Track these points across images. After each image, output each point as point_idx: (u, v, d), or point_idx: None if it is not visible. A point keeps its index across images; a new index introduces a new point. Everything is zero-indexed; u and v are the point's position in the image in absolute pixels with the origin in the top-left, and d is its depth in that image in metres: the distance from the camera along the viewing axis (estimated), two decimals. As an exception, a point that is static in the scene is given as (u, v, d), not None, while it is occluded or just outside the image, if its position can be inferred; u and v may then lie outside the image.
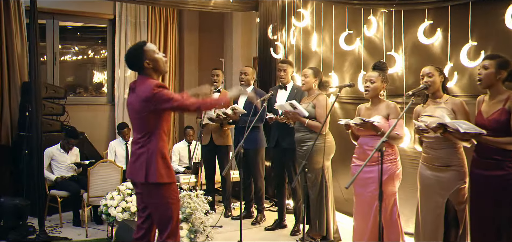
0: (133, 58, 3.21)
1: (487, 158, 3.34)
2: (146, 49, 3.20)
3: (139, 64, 3.19)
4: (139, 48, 3.20)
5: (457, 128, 3.19)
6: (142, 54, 3.17)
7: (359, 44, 5.37)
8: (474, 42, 4.22)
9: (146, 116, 3.11)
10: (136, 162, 3.15)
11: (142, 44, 3.25)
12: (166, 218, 3.17)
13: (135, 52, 3.20)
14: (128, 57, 3.26)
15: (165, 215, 3.17)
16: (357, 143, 4.24)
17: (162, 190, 3.13)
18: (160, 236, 3.21)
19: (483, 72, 3.34)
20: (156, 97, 3.05)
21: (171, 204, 3.17)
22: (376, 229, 4.08)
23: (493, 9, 4.12)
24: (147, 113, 3.10)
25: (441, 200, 3.66)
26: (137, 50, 3.20)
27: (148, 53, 3.19)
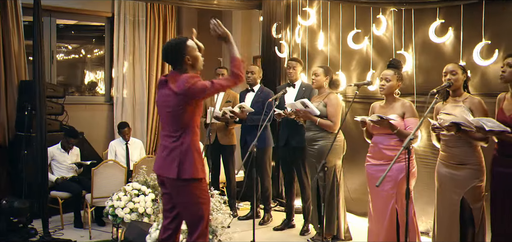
0: (174, 52, 3.13)
1: (509, 156, 3.35)
2: (188, 44, 3.14)
3: (179, 58, 3.11)
4: (182, 43, 3.13)
5: (481, 125, 3.19)
6: (184, 49, 3.11)
7: (368, 43, 5.36)
8: (487, 41, 4.23)
9: (182, 110, 3.03)
10: (169, 156, 3.06)
11: (184, 39, 3.18)
12: (197, 217, 3.08)
13: (177, 46, 3.12)
14: (168, 50, 3.17)
15: (196, 215, 3.08)
16: (371, 141, 4.22)
17: (193, 187, 3.04)
18: (189, 236, 3.11)
19: (508, 69, 3.35)
20: (191, 89, 2.99)
21: (202, 204, 3.09)
22: (392, 227, 4.06)
23: (507, 8, 4.15)
24: (183, 107, 3.02)
25: (456, 198, 3.66)
26: (179, 44, 3.13)
27: (190, 49, 3.14)
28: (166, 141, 3.12)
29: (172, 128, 3.08)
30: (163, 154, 3.12)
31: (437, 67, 4.68)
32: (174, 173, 3.01)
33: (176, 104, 3.03)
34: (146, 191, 5.00)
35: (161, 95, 3.18)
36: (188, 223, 3.14)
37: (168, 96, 3.08)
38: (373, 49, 5.30)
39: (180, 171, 3.01)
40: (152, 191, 5.01)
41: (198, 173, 3.04)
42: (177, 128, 3.06)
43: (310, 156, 4.81)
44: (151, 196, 4.95)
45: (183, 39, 3.17)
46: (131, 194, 4.95)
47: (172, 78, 3.10)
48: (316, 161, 4.73)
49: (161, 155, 3.15)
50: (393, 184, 4.01)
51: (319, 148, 4.68)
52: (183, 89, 2.99)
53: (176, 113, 3.05)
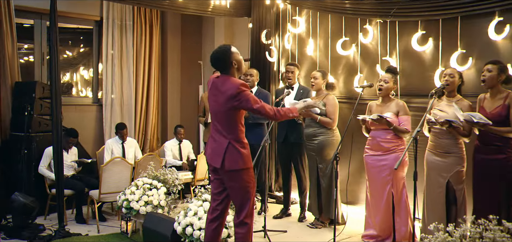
0: (222, 58, 3.56)
1: (489, 144, 4.07)
2: (233, 51, 3.58)
3: (226, 64, 3.56)
4: (228, 50, 3.57)
5: (471, 118, 3.89)
6: (231, 55, 3.56)
7: (355, 50, 6.02)
8: (463, 50, 5.00)
9: (229, 111, 3.49)
10: (218, 149, 3.51)
11: (229, 46, 3.62)
12: (246, 199, 3.55)
13: (225, 53, 3.56)
14: (216, 57, 3.60)
15: (245, 197, 3.56)
16: (370, 135, 4.85)
17: (242, 174, 3.52)
18: (237, 216, 3.59)
19: (487, 74, 4.07)
20: (241, 95, 3.46)
21: (250, 188, 3.56)
22: (388, 208, 4.72)
23: (479, 23, 4.92)
24: (230, 108, 3.48)
25: (442, 180, 4.36)
26: (226, 52, 3.56)
27: (235, 55, 3.59)
28: (216, 135, 3.57)
29: (221, 125, 3.54)
30: (214, 146, 3.57)
31: (418, 72, 5.43)
32: (219, 163, 3.48)
33: (225, 104, 3.50)
34: (157, 185, 5.37)
35: (211, 94, 3.62)
36: (237, 205, 3.61)
37: (218, 96, 3.53)
38: (360, 56, 5.97)
39: (225, 162, 3.48)
40: (164, 185, 5.39)
41: (245, 164, 3.52)
42: (226, 126, 3.52)
43: (310, 150, 5.39)
44: (163, 189, 5.33)
45: (228, 47, 3.63)
46: (144, 188, 5.30)
47: (223, 81, 3.55)
48: (316, 154, 5.31)
49: (212, 145, 3.60)
50: (390, 171, 4.66)
51: (319, 142, 5.27)
52: (233, 93, 3.46)
53: (225, 112, 3.51)
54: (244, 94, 3.46)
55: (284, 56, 6.89)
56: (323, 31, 6.41)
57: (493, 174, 4.06)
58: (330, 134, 5.24)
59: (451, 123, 4.11)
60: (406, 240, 4.70)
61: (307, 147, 5.45)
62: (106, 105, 7.72)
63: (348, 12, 5.97)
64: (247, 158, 3.57)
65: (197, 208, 4.38)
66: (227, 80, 3.55)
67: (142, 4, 6.71)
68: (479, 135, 4.17)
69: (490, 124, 3.93)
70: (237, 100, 3.47)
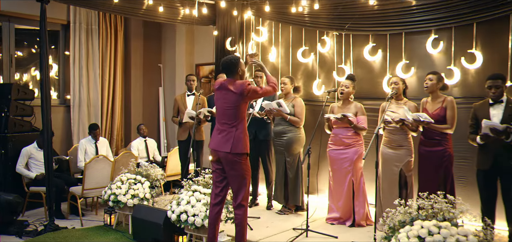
0: (231, 66, 4.23)
1: (431, 139, 5.03)
2: (240, 62, 4.27)
3: (234, 71, 4.22)
4: (237, 60, 4.25)
5: (418, 117, 4.82)
6: (238, 65, 4.23)
7: (313, 58, 6.86)
8: (406, 60, 5.98)
9: (237, 106, 4.14)
10: (225, 137, 4.17)
11: (238, 57, 4.30)
12: (243, 185, 4.22)
13: (234, 62, 4.24)
14: (227, 64, 4.28)
15: (242, 183, 4.22)
16: (332, 132, 5.68)
17: (242, 162, 4.18)
18: (235, 199, 4.25)
19: (429, 82, 5.02)
20: (249, 89, 4.16)
21: (247, 175, 4.24)
22: (349, 194, 5.57)
23: (419, 38, 5.93)
24: (240, 103, 4.14)
25: (396, 169, 5.27)
26: (235, 61, 4.25)
27: (241, 65, 4.28)
28: (223, 127, 4.21)
29: (228, 118, 4.19)
30: (220, 135, 4.22)
31: (369, 78, 6.36)
32: (229, 148, 4.14)
33: (234, 101, 4.15)
34: (141, 179, 5.86)
35: (220, 94, 4.26)
36: (234, 190, 4.27)
37: (228, 95, 4.18)
38: (318, 63, 6.81)
39: (234, 147, 4.15)
40: (147, 179, 5.89)
41: (246, 149, 4.20)
42: (233, 118, 4.18)
43: (279, 145, 6.13)
44: (147, 183, 5.83)
45: (237, 57, 4.35)
46: (130, 182, 5.77)
47: (231, 83, 4.20)
48: (285, 149, 6.06)
49: (218, 136, 4.24)
50: (350, 163, 5.52)
51: (287, 139, 6.02)
52: (242, 91, 4.12)
53: (233, 108, 4.16)
54: (250, 87, 4.17)
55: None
56: (284, 41, 7.19)
57: (434, 162, 5.01)
58: (297, 132, 6.02)
59: (403, 122, 5.02)
60: (363, 220, 5.58)
61: (276, 143, 6.18)
62: (74, 106, 8.00)
63: (307, 24, 6.79)
64: (248, 145, 4.24)
65: (189, 198, 4.96)
66: (234, 82, 4.21)
67: (122, 13, 7.10)
68: (423, 131, 5.11)
69: (433, 123, 4.88)
70: (247, 93, 4.16)
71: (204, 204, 4.86)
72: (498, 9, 5.29)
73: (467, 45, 5.56)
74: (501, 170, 4.50)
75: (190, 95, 6.97)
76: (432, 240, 3.54)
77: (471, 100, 5.33)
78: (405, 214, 3.90)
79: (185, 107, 6.87)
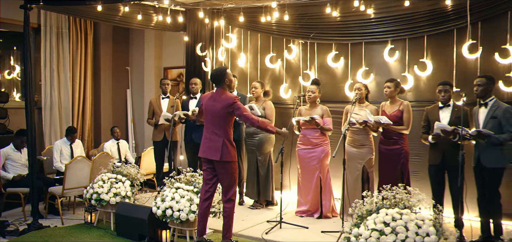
0: (219, 76, 4.63)
1: (389, 138, 5.68)
2: (227, 72, 4.67)
3: (222, 81, 4.63)
4: (224, 71, 4.65)
5: (379, 120, 5.45)
6: (225, 75, 4.65)
7: (280, 63, 7.39)
8: (366, 67, 6.63)
9: (223, 116, 4.56)
10: (214, 146, 4.57)
11: (225, 68, 4.71)
12: (232, 183, 4.68)
13: (221, 73, 4.64)
14: (215, 75, 4.68)
15: (232, 181, 4.68)
16: (301, 133, 6.23)
17: (231, 165, 4.62)
18: (225, 195, 4.70)
19: (388, 89, 5.67)
20: (235, 105, 4.58)
21: (235, 175, 4.71)
22: (317, 189, 6.14)
23: (377, 48, 6.60)
24: (225, 114, 4.56)
25: (359, 166, 5.89)
26: (222, 72, 4.65)
27: (228, 75, 4.69)
28: (211, 135, 4.63)
29: (216, 128, 4.61)
30: (209, 144, 4.63)
31: (332, 83, 6.96)
32: (218, 157, 4.56)
33: (222, 111, 4.58)
34: (122, 178, 6.17)
35: (209, 104, 4.67)
36: (224, 187, 4.71)
37: (217, 106, 4.59)
38: (285, 69, 7.35)
39: (222, 155, 4.58)
40: (127, 178, 6.20)
41: (232, 157, 4.64)
42: (220, 128, 4.61)
43: (251, 145, 6.61)
44: (128, 182, 6.15)
45: (224, 68, 4.78)
46: (111, 181, 6.07)
47: (219, 94, 4.63)
48: (256, 149, 6.56)
49: (207, 144, 4.65)
50: (317, 161, 6.09)
51: (259, 139, 6.52)
52: (229, 103, 4.57)
53: (221, 118, 4.59)
54: (237, 104, 4.60)
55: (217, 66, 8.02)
56: (253, 47, 7.69)
57: (392, 159, 5.67)
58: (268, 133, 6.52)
59: (366, 123, 5.64)
60: (330, 212, 6.17)
61: (248, 143, 6.66)
62: (45, 108, 8.12)
63: (275, 33, 7.32)
64: (235, 153, 4.70)
65: (173, 195, 5.34)
66: (223, 93, 4.64)
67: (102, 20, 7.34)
68: (383, 131, 5.76)
69: (392, 124, 5.53)
70: (232, 108, 4.59)
71: (188, 199, 5.26)
72: (445, 25, 6.04)
73: (419, 54, 6.28)
74: (449, 165, 5.20)
75: (164, 98, 7.32)
76: (395, 225, 4.14)
77: (423, 103, 6.06)
78: (371, 204, 4.49)
79: (160, 109, 7.22)
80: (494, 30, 5.81)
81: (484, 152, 4.91)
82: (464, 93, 5.05)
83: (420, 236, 4.05)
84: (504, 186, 5.01)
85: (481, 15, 5.82)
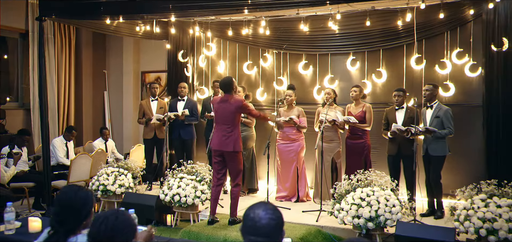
0: (228, 85, 5.62)
1: (355, 134, 6.92)
2: (234, 81, 5.70)
3: (231, 88, 5.62)
4: (232, 81, 5.68)
5: (348, 120, 6.67)
6: (233, 84, 5.65)
7: (256, 70, 8.47)
8: (332, 75, 7.87)
9: (235, 115, 5.56)
10: (227, 139, 5.55)
11: (232, 79, 5.72)
12: (239, 171, 5.69)
13: (230, 82, 5.65)
14: (225, 84, 5.67)
15: (238, 169, 5.68)
16: (281, 131, 7.33)
17: (238, 155, 5.62)
18: (233, 181, 5.70)
19: (354, 93, 6.91)
20: (244, 106, 5.60)
21: (241, 165, 5.72)
22: (294, 178, 7.27)
23: (341, 58, 7.85)
24: (236, 113, 5.56)
25: (329, 158, 7.09)
26: (231, 82, 5.67)
27: (235, 84, 5.73)
28: (224, 130, 5.61)
29: (227, 124, 5.60)
30: (222, 138, 5.60)
31: (302, 88, 8.12)
32: (231, 148, 5.55)
33: (234, 111, 5.57)
34: (124, 172, 6.96)
35: (220, 106, 5.64)
36: (233, 175, 5.71)
37: (228, 108, 5.59)
38: (260, 75, 8.43)
39: (234, 147, 5.57)
40: (129, 171, 7.00)
41: (240, 148, 5.67)
42: (231, 124, 5.60)
43: (235, 142, 7.63)
44: (130, 174, 6.95)
45: (231, 79, 5.80)
46: (115, 174, 6.85)
47: (229, 98, 5.61)
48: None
49: (220, 139, 5.62)
50: (295, 153, 7.22)
51: (243, 137, 7.52)
52: (240, 105, 5.57)
53: (232, 117, 5.59)
54: (246, 104, 5.65)
55: (198, 72, 8.95)
56: (231, 55, 8.70)
57: (357, 152, 6.92)
58: (250, 131, 7.58)
59: (334, 122, 6.85)
60: (305, 196, 7.32)
61: (232, 140, 7.67)
62: (34, 110, 8.64)
63: (251, 43, 8.38)
64: (241, 145, 5.71)
65: (179, 183, 6.25)
66: (232, 97, 5.64)
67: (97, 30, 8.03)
68: (349, 128, 6.99)
69: (357, 123, 6.77)
70: (242, 108, 5.61)
71: (192, 187, 6.20)
72: (397, 41, 7.40)
73: (375, 65, 7.60)
74: (403, 154, 6.49)
75: (154, 100, 8.15)
76: (369, 199, 5.35)
77: (379, 105, 7.36)
78: (349, 185, 5.68)
79: (150, 110, 8.04)
80: (435, 46, 7.24)
81: (430, 144, 6.25)
82: (415, 98, 6.39)
83: (388, 206, 5.29)
84: (444, 171, 6.38)
85: (425, 34, 7.21)
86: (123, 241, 2.32)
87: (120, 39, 10.10)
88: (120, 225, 2.32)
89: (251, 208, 2.36)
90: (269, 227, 2.29)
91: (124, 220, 2.35)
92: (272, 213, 2.31)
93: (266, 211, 2.32)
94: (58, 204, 2.61)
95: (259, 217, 2.32)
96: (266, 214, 2.32)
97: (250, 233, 2.29)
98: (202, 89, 8.85)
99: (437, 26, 7.13)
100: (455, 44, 7.10)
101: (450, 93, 7.12)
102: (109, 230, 2.30)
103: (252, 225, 2.29)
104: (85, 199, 2.61)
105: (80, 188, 2.67)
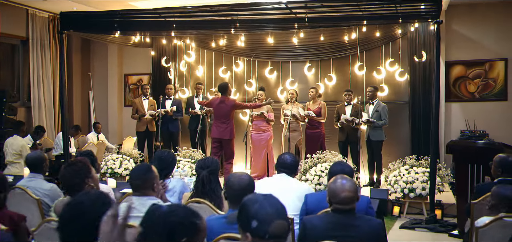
0: (225, 88, 7.31)
1: (313, 125, 8.82)
2: (229, 85, 7.38)
3: (226, 91, 7.33)
4: (227, 85, 7.37)
5: (308, 114, 8.56)
6: (228, 87, 7.36)
7: (230, 74, 10.19)
8: (292, 78, 9.76)
9: (230, 111, 7.26)
10: (225, 130, 7.25)
11: (227, 83, 7.39)
12: (232, 153, 7.45)
13: (226, 86, 7.34)
14: (222, 88, 7.34)
15: (232, 152, 7.43)
16: (253, 123, 9.08)
17: (232, 141, 7.37)
18: (226, 160, 7.40)
19: (312, 93, 8.80)
20: (237, 104, 7.34)
21: (234, 148, 7.45)
22: (264, 162, 9.07)
23: (300, 65, 9.75)
24: (231, 110, 7.26)
25: (293, 144, 8.94)
26: (226, 86, 7.36)
27: (229, 87, 7.43)
28: (222, 124, 7.32)
29: (225, 119, 7.31)
30: (221, 129, 7.30)
31: (268, 89, 9.91)
32: (228, 136, 7.27)
33: (229, 109, 7.28)
34: (127, 158, 8.45)
35: (219, 106, 7.34)
36: (227, 155, 7.42)
37: (225, 106, 7.29)
38: (233, 78, 10.17)
39: (230, 135, 7.28)
40: (131, 157, 8.50)
41: (234, 136, 7.39)
42: (227, 118, 7.31)
43: (215, 133, 9.32)
44: (132, 160, 8.46)
45: (227, 84, 7.54)
46: (120, 159, 8.33)
47: (225, 99, 7.31)
48: (220, 135, 9.28)
49: (220, 130, 7.32)
50: (265, 141, 9.01)
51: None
52: (234, 104, 7.30)
53: (228, 112, 7.30)
54: (237, 102, 7.38)
55: (179, 75, 10.53)
56: (208, 61, 10.36)
57: (314, 139, 8.81)
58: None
59: (296, 116, 8.72)
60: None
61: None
62: (35, 108, 9.86)
63: (225, 51, 10.09)
64: (234, 133, 7.45)
65: (178, 164, 7.85)
66: (228, 98, 7.37)
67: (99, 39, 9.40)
68: (308, 121, 8.87)
69: (315, 116, 8.67)
70: (235, 106, 7.36)
71: (189, 167, 7.82)
72: (344, 52, 9.40)
73: (327, 70, 9.56)
74: (350, 140, 8.46)
75: (145, 99, 9.64)
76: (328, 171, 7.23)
77: (330, 102, 9.29)
78: (311, 162, 7.55)
79: (142, 107, 9.53)
80: (373, 57, 9.29)
81: (371, 131, 8.25)
82: (359, 97, 8.39)
83: (341, 177, 7.20)
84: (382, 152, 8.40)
85: (365, 47, 9.25)
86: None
87: (105, 45, 11.44)
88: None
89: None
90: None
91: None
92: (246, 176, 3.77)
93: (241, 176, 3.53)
94: (156, 158, 4.24)
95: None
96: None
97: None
98: (183, 89, 10.45)
99: (375, 41, 9.18)
100: (388, 55, 9.19)
101: (385, 93, 9.19)
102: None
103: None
104: (173, 157, 4.27)
105: (169, 152, 4.32)
